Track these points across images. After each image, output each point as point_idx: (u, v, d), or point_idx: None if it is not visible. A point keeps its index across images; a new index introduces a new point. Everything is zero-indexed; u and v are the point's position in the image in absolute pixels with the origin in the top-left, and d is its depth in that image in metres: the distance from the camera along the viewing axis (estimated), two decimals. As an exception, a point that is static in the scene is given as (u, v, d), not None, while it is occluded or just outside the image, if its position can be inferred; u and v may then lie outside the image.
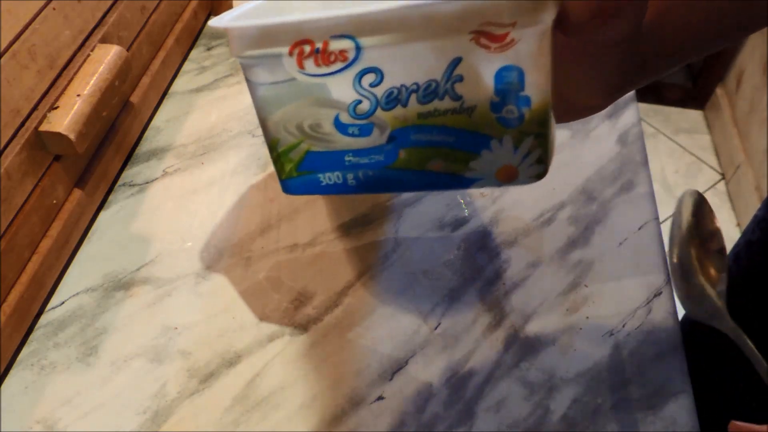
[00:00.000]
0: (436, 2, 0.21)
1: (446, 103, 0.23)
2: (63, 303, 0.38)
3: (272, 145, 0.27)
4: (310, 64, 0.23)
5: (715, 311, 0.33)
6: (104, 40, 0.39)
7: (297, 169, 0.27)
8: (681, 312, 0.42)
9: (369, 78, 0.23)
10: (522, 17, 0.21)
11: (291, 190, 0.28)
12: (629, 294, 0.42)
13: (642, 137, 0.52)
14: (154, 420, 0.34)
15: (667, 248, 0.36)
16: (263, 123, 0.26)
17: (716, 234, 0.34)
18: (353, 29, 0.22)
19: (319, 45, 0.22)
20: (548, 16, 0.21)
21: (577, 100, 0.31)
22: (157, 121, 0.49)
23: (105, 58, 0.38)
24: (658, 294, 0.42)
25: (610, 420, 0.36)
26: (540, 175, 0.25)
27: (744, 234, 0.52)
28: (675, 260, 0.34)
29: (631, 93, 0.55)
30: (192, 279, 0.40)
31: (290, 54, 0.23)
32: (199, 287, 0.40)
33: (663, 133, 1.75)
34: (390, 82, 0.23)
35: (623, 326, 0.40)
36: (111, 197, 0.44)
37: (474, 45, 0.21)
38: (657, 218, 0.46)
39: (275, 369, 0.37)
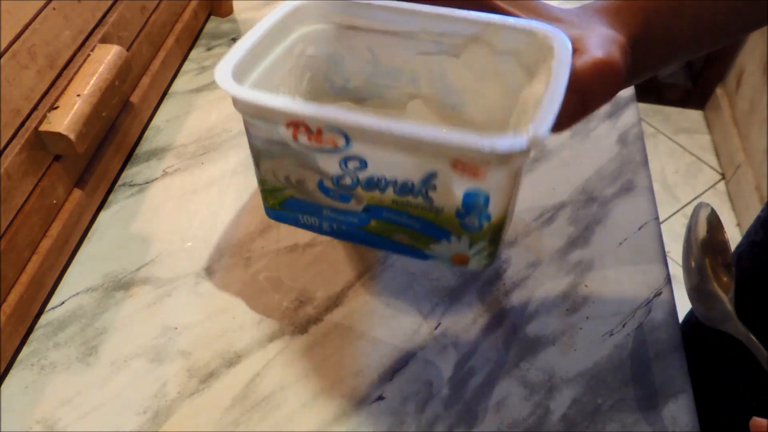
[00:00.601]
0: (423, 129, 0.22)
1: (418, 200, 0.25)
2: (63, 303, 0.38)
3: (260, 181, 0.29)
4: (303, 138, 0.24)
5: (727, 316, 0.35)
6: (104, 40, 0.39)
7: (280, 204, 0.29)
8: (681, 312, 0.42)
9: (354, 163, 0.25)
10: (495, 160, 0.23)
11: (272, 217, 0.30)
12: (629, 294, 0.42)
13: (642, 137, 0.52)
14: (154, 420, 0.34)
15: (681, 256, 0.38)
16: (255, 163, 0.28)
17: (726, 245, 0.37)
18: (346, 128, 0.23)
19: (314, 129, 0.24)
20: (519, 161, 0.23)
21: None
22: (157, 121, 0.49)
23: (105, 58, 0.38)
24: (658, 294, 0.42)
25: (610, 420, 0.36)
26: (488, 265, 0.28)
27: (747, 235, 0.52)
28: (693, 268, 0.36)
29: (631, 93, 0.55)
30: (192, 279, 0.40)
31: (286, 127, 0.24)
32: (199, 287, 0.40)
33: (663, 133, 1.75)
34: (372, 171, 0.25)
35: (623, 326, 0.40)
36: (111, 197, 0.44)
37: (450, 167, 0.23)
38: (657, 218, 0.46)
39: (275, 369, 0.37)
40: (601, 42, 0.26)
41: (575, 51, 0.26)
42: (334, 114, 0.23)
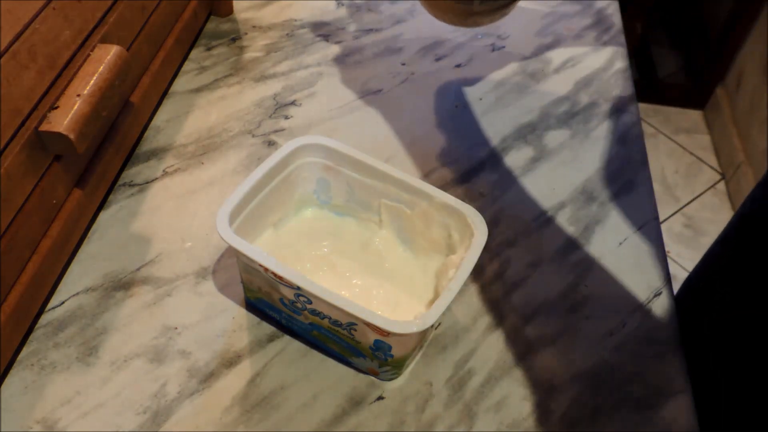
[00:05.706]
0: (348, 304, 0.32)
1: (345, 332, 0.35)
2: (63, 303, 0.38)
3: (242, 280, 0.38)
4: (270, 275, 0.33)
5: None
6: (104, 40, 0.39)
7: (254, 298, 0.38)
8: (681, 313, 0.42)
9: (303, 298, 0.34)
10: (395, 334, 0.32)
11: (249, 304, 0.39)
12: (629, 294, 0.42)
13: (642, 137, 0.52)
14: (154, 420, 0.34)
15: None
16: (240, 268, 0.37)
17: None
18: (296, 286, 0.33)
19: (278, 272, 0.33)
20: (416, 334, 0.32)
21: None
22: (157, 121, 0.49)
23: (105, 58, 0.38)
24: (658, 294, 0.42)
25: (610, 420, 0.36)
26: (393, 379, 0.37)
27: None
28: None
29: (631, 93, 0.55)
30: (192, 279, 0.40)
31: (264, 269, 0.33)
32: (199, 287, 0.40)
33: (663, 133, 1.75)
34: (315, 306, 0.34)
35: (623, 326, 0.40)
36: (111, 197, 0.44)
37: (364, 325, 0.32)
38: (657, 218, 0.46)
39: (275, 369, 0.37)
40: None
41: None
42: (290, 275, 0.32)
